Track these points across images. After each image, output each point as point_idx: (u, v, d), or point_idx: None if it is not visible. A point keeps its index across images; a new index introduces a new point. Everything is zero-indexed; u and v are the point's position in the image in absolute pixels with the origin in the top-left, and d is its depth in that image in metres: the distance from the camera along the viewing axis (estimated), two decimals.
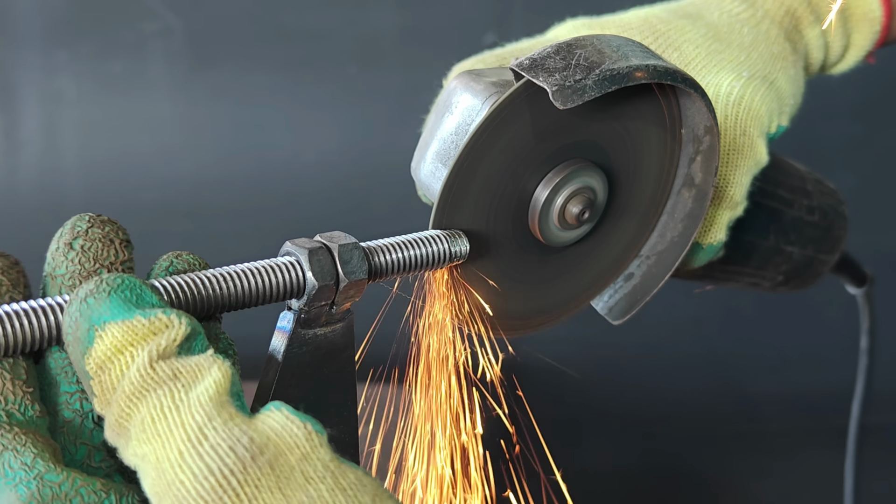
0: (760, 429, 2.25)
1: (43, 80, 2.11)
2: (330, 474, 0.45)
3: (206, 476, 0.43)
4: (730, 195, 0.81)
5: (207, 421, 0.44)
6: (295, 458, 0.45)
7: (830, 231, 1.06)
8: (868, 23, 0.92)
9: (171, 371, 0.46)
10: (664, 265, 0.79)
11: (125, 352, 0.47)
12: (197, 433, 0.44)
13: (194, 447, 0.44)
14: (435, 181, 0.71)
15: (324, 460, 0.45)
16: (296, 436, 0.45)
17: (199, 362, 0.47)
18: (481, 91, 0.69)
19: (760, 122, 0.82)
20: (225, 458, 0.43)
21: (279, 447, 0.45)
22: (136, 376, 0.46)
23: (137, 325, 0.47)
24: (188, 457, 0.43)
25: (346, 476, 0.45)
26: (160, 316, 0.48)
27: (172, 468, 0.43)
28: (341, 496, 0.44)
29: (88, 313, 0.48)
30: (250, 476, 0.43)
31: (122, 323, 0.47)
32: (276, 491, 0.43)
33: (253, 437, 0.44)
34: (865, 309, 1.36)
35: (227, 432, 0.44)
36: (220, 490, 0.43)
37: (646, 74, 0.63)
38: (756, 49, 0.85)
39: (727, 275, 1.02)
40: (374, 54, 2.11)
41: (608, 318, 0.81)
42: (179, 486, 0.43)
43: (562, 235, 0.72)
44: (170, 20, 2.09)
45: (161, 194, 2.12)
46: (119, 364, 0.47)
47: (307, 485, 0.44)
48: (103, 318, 0.47)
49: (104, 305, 0.48)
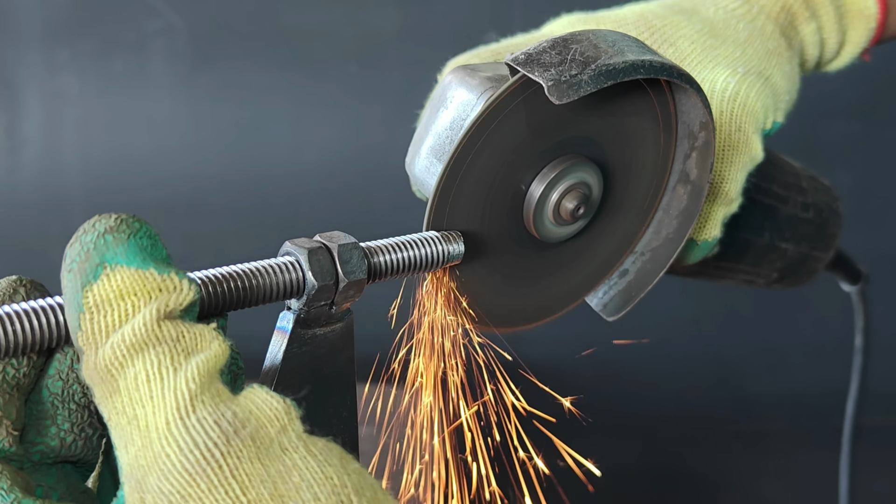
0: (760, 428, 2.25)
1: (44, 78, 2.11)
2: (302, 443, 0.46)
3: (191, 449, 0.44)
4: (725, 191, 0.81)
5: (198, 392, 0.45)
6: (274, 430, 0.46)
7: (825, 228, 1.06)
8: (864, 20, 0.92)
9: (176, 332, 0.47)
10: (659, 262, 0.79)
11: (128, 299, 0.47)
12: (187, 404, 0.45)
13: (181, 419, 0.45)
14: (429, 176, 0.71)
15: (297, 431, 0.47)
16: (276, 409, 0.47)
17: (202, 331, 0.48)
18: (476, 86, 0.69)
19: (756, 118, 0.82)
20: (210, 431, 0.45)
21: (260, 420, 0.46)
22: (140, 328, 0.46)
23: (150, 277, 0.48)
24: (174, 428, 0.44)
25: (316, 444, 0.47)
26: (173, 276, 0.48)
27: (159, 439, 0.45)
28: (312, 461, 0.46)
29: (103, 249, 0.48)
30: (233, 448, 0.45)
31: (134, 270, 0.47)
32: (256, 461, 0.45)
33: (236, 411, 0.46)
34: (860, 306, 1.35)
35: (213, 406, 0.45)
36: (205, 462, 0.44)
37: (642, 70, 0.63)
38: (751, 45, 0.85)
39: (721, 271, 1.02)
40: (374, 54, 2.11)
41: (603, 314, 0.81)
42: (165, 459, 0.44)
43: (557, 231, 0.72)
44: (171, 19, 2.09)
45: (161, 193, 2.12)
46: (118, 309, 0.47)
47: (283, 455, 0.46)
48: (117, 260, 0.47)
49: (121, 247, 0.48)
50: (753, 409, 2.25)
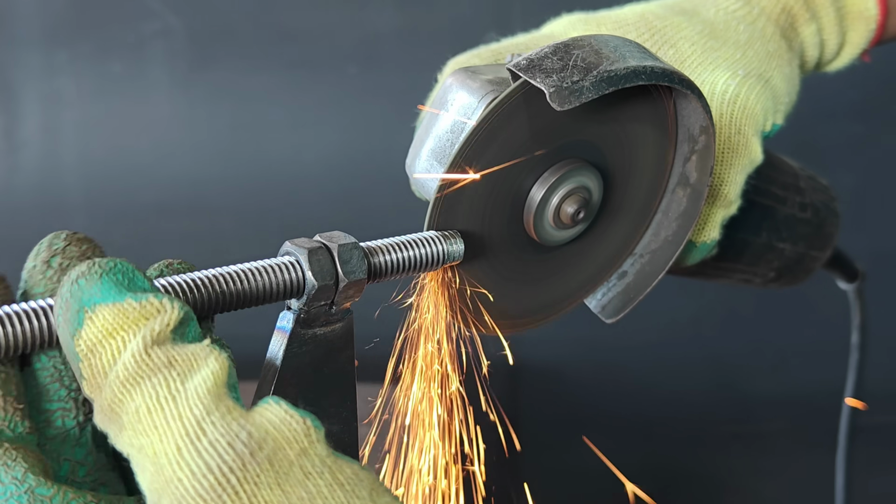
0: (760, 428, 2.25)
1: (43, 80, 2.11)
2: (328, 469, 0.44)
3: (204, 474, 0.42)
4: (724, 194, 0.81)
5: (205, 415, 0.44)
6: (294, 453, 0.44)
7: (822, 227, 1.06)
8: (864, 21, 0.92)
9: (166, 358, 0.45)
10: (658, 264, 0.79)
11: (116, 336, 0.46)
12: (195, 428, 0.43)
13: (192, 443, 0.43)
14: (430, 179, 0.71)
15: (321, 455, 0.45)
16: (294, 430, 0.45)
17: (195, 351, 0.46)
18: (477, 89, 0.69)
19: (755, 120, 0.82)
20: (224, 454, 0.43)
21: (278, 442, 0.44)
22: (131, 362, 0.45)
23: (128, 307, 0.46)
24: (186, 453, 0.43)
25: (344, 471, 0.44)
26: (151, 300, 0.47)
27: (170, 465, 0.43)
28: (339, 491, 0.43)
29: (79, 294, 0.47)
30: (249, 473, 0.43)
31: (112, 305, 0.46)
32: (276, 487, 0.43)
33: (251, 431, 0.44)
34: (857, 304, 1.36)
35: (226, 427, 0.43)
36: (220, 488, 0.42)
37: (643, 76, 0.63)
38: (752, 47, 0.85)
39: (719, 271, 1.02)
40: (374, 54, 2.11)
41: (601, 316, 0.81)
42: (178, 484, 0.42)
43: (556, 235, 0.72)
44: (170, 20, 2.09)
45: (161, 194, 2.12)
46: (110, 348, 0.46)
47: (306, 480, 0.43)
48: (94, 301, 0.47)
49: (95, 287, 0.47)
50: (753, 409, 2.25)
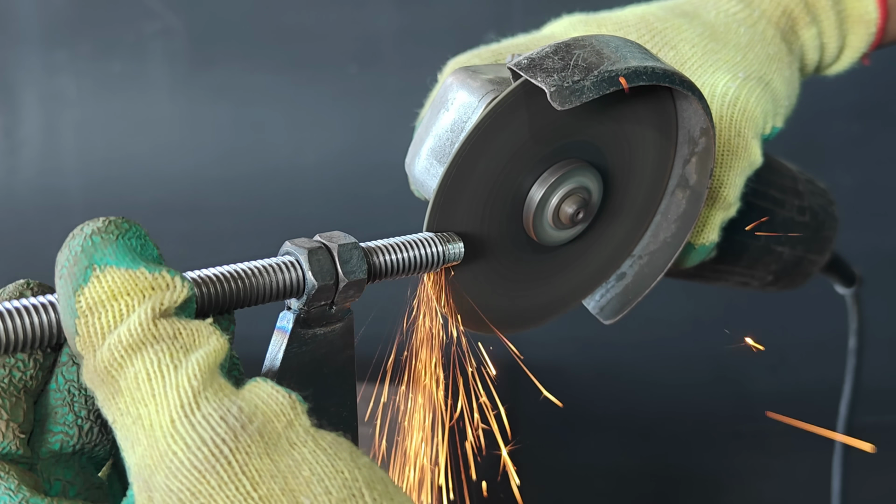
0: (760, 428, 2.25)
1: (43, 79, 2.11)
2: (310, 438, 0.46)
3: (199, 446, 0.44)
4: (723, 196, 0.81)
5: (201, 389, 0.45)
6: (281, 425, 0.46)
7: (820, 231, 1.06)
8: (864, 24, 0.92)
9: (172, 330, 0.47)
10: (656, 266, 0.79)
11: (121, 299, 0.47)
12: (191, 401, 0.45)
13: (187, 416, 0.44)
14: (429, 178, 0.71)
15: (305, 426, 0.47)
16: (281, 404, 0.47)
17: (199, 327, 0.48)
18: (478, 88, 0.69)
19: (755, 123, 0.82)
20: (217, 427, 0.44)
21: (266, 415, 0.46)
22: (137, 328, 0.46)
23: (140, 276, 0.47)
24: (180, 426, 0.44)
25: (325, 438, 0.47)
26: (164, 274, 0.48)
27: (165, 438, 0.44)
28: (322, 455, 0.45)
29: (91, 251, 0.47)
30: (241, 444, 0.44)
31: (124, 271, 0.47)
32: (265, 456, 0.45)
33: (242, 406, 0.45)
34: (854, 309, 1.36)
35: (218, 402, 0.45)
36: (213, 459, 0.44)
37: (644, 77, 0.63)
38: (752, 49, 0.85)
39: (717, 274, 1.02)
40: (374, 54, 2.11)
41: (599, 317, 0.81)
42: (173, 457, 0.44)
43: (556, 235, 0.72)
44: (170, 20, 2.09)
45: (161, 194, 2.12)
46: (112, 310, 0.47)
47: (292, 449, 0.45)
48: (106, 261, 0.47)
49: (110, 248, 0.47)
50: (753, 409, 2.25)
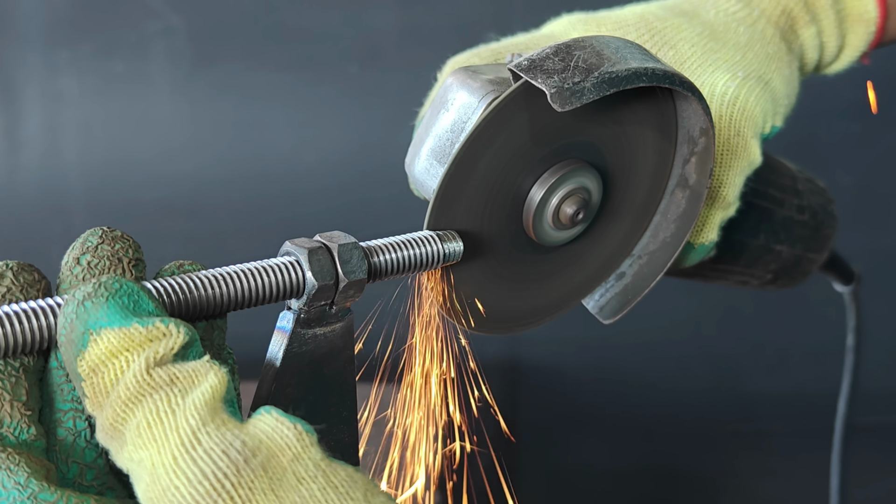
0: (760, 428, 2.25)
1: (44, 79, 2.11)
2: (321, 473, 0.45)
3: (200, 480, 0.43)
4: (723, 196, 0.81)
5: (201, 425, 0.45)
6: (286, 458, 0.45)
7: (819, 230, 1.07)
8: (863, 23, 0.92)
9: (167, 377, 0.47)
10: (656, 265, 0.79)
11: (120, 357, 0.47)
12: (191, 437, 0.44)
13: (188, 452, 0.44)
14: (429, 178, 0.71)
15: (314, 459, 0.46)
16: (286, 437, 0.46)
17: (196, 368, 0.48)
18: (478, 89, 0.69)
19: (755, 122, 0.82)
20: (218, 461, 0.44)
21: (271, 449, 0.45)
22: (133, 381, 0.46)
23: (134, 332, 0.48)
24: (182, 462, 0.44)
25: (337, 474, 0.45)
26: (158, 325, 0.48)
27: (167, 473, 0.44)
28: (333, 494, 0.44)
29: (85, 317, 0.48)
30: (244, 479, 0.44)
31: (118, 330, 0.47)
32: (270, 492, 0.44)
33: (245, 440, 0.45)
34: (852, 307, 1.36)
35: (220, 437, 0.45)
36: (215, 494, 0.43)
37: (644, 78, 0.63)
38: (752, 49, 0.85)
39: (716, 273, 1.02)
40: (374, 54, 2.11)
41: (599, 317, 0.81)
42: (174, 491, 0.44)
43: (555, 235, 0.72)
44: (171, 20, 2.09)
45: (162, 193, 2.12)
46: (113, 368, 0.47)
47: (299, 485, 0.44)
48: (100, 324, 0.48)
49: (101, 310, 0.48)
50: (753, 409, 2.25)
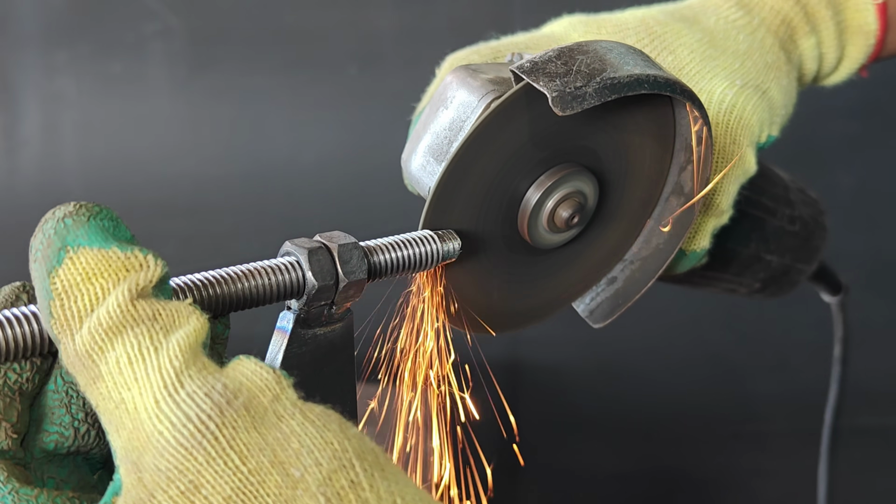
0: (760, 429, 2.25)
1: (43, 80, 2.11)
2: (298, 410, 0.46)
3: (184, 423, 0.44)
4: (717, 203, 0.82)
5: (184, 367, 0.45)
6: (267, 399, 0.46)
7: (810, 241, 1.07)
8: (863, 36, 0.92)
9: (151, 311, 0.46)
10: (648, 271, 0.79)
11: (96, 281, 0.46)
12: (173, 380, 0.44)
13: (170, 395, 0.44)
14: (425, 175, 0.71)
15: (292, 399, 0.47)
16: (266, 379, 0.46)
17: (179, 308, 0.47)
18: (478, 88, 0.69)
19: (751, 131, 0.82)
20: (201, 404, 0.44)
21: (251, 391, 0.46)
22: (115, 309, 0.46)
23: (113, 256, 0.47)
24: (164, 406, 0.44)
25: (313, 410, 0.46)
26: (136, 253, 0.48)
27: (150, 419, 0.44)
28: (311, 427, 0.45)
29: (63, 233, 0.47)
30: (227, 419, 0.44)
31: (97, 251, 0.47)
32: (253, 430, 0.44)
33: (226, 383, 0.45)
34: (839, 317, 1.36)
35: (202, 380, 0.45)
36: (199, 436, 0.43)
37: (646, 85, 0.63)
38: (750, 57, 0.85)
39: (706, 280, 1.03)
40: (374, 54, 2.11)
41: (589, 320, 0.81)
42: (159, 436, 0.44)
43: (550, 238, 0.72)
44: (170, 20, 2.09)
45: (161, 194, 2.12)
46: (87, 292, 0.46)
47: (279, 422, 0.45)
48: (78, 242, 0.47)
49: (82, 229, 0.47)
50: (753, 409, 2.25)
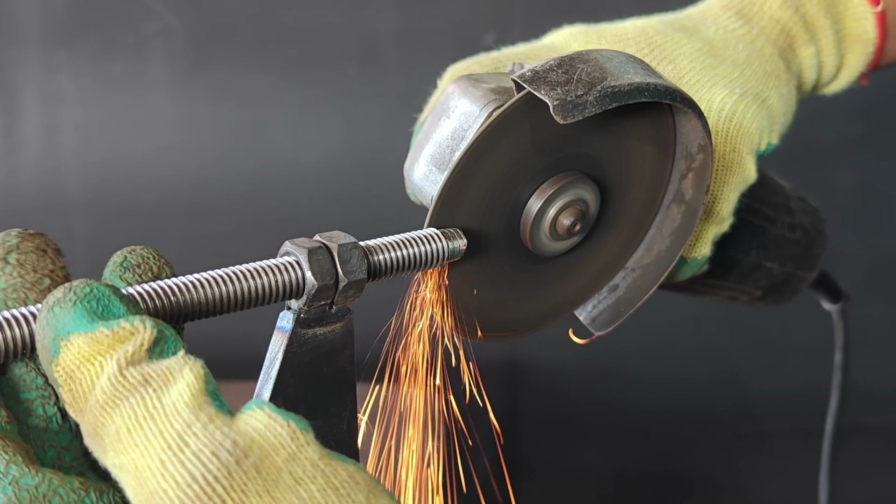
0: (760, 429, 2.25)
1: (43, 79, 2.11)
2: (320, 473, 0.43)
3: (189, 484, 0.42)
4: (717, 211, 0.82)
5: (187, 427, 0.43)
6: (281, 458, 0.43)
7: (810, 249, 1.08)
8: (862, 44, 0.92)
9: (140, 377, 0.45)
10: (649, 278, 0.79)
11: (94, 361, 0.46)
12: (177, 440, 0.43)
13: (175, 455, 0.43)
14: (428, 184, 0.71)
15: (312, 459, 0.44)
16: (280, 435, 0.44)
17: (170, 365, 0.46)
18: (480, 97, 0.69)
19: (751, 139, 0.82)
20: (208, 464, 0.42)
21: (264, 448, 0.44)
22: (107, 385, 0.45)
23: (100, 335, 0.47)
24: (170, 465, 0.42)
25: (338, 474, 0.44)
26: (123, 324, 0.47)
27: (154, 477, 0.42)
28: (333, 496, 0.43)
29: (54, 323, 0.48)
30: (236, 481, 0.42)
31: (84, 334, 0.47)
32: (265, 494, 0.42)
33: (236, 440, 0.43)
34: (840, 325, 1.36)
35: (209, 437, 0.43)
36: (206, 497, 0.42)
37: (647, 93, 0.64)
38: (750, 66, 0.85)
39: (707, 288, 1.03)
40: (374, 54, 2.11)
41: (591, 328, 0.82)
42: (162, 494, 0.42)
43: (552, 246, 0.72)
44: (170, 20, 2.09)
45: (161, 194, 2.12)
46: (88, 373, 0.46)
47: (297, 486, 0.43)
48: (67, 329, 0.47)
49: (69, 316, 0.47)
50: (753, 409, 2.25)
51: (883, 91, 2.04)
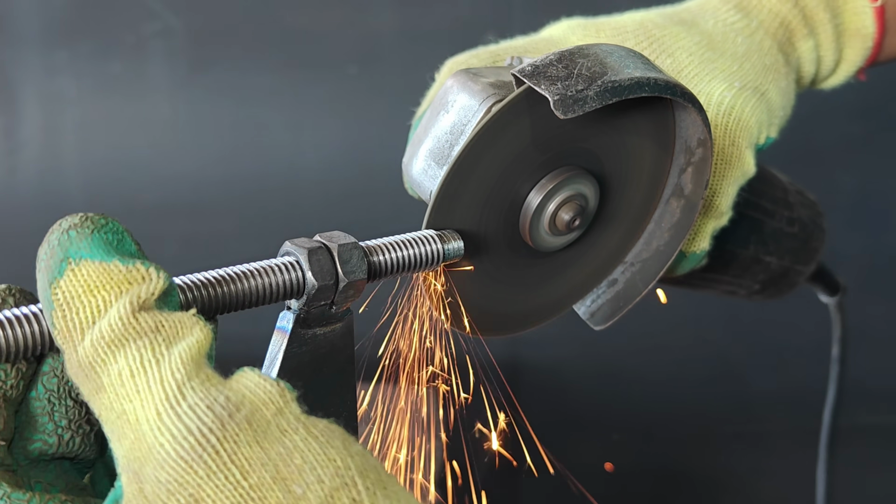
0: (760, 428, 2.25)
1: (43, 80, 2.11)
2: (302, 425, 0.46)
3: (185, 436, 0.44)
4: (716, 205, 0.82)
5: (186, 380, 0.45)
6: (270, 412, 0.46)
7: (808, 242, 1.08)
8: (861, 39, 0.92)
9: (153, 323, 0.46)
10: (649, 273, 0.79)
11: (97, 293, 0.47)
12: (175, 392, 0.44)
13: (172, 407, 0.44)
14: (426, 179, 0.71)
15: (295, 413, 0.46)
16: (270, 392, 0.46)
17: (182, 319, 0.47)
18: (479, 92, 0.69)
19: (750, 133, 0.82)
20: (203, 417, 0.44)
21: (255, 404, 0.46)
22: (118, 322, 0.46)
23: (114, 269, 0.47)
24: (166, 418, 0.44)
25: (317, 425, 0.46)
26: (138, 266, 0.48)
27: (151, 431, 0.44)
28: (314, 442, 0.45)
29: (66, 245, 0.48)
30: (229, 433, 0.44)
31: (98, 263, 0.47)
32: (255, 444, 0.44)
33: (229, 395, 0.45)
34: (837, 318, 1.37)
35: (205, 392, 0.45)
36: (200, 449, 0.43)
37: (647, 88, 0.63)
38: (749, 60, 0.85)
39: (706, 282, 1.03)
40: (374, 54, 2.11)
41: (590, 322, 0.81)
42: (160, 448, 0.44)
43: (551, 241, 0.72)
44: (170, 20, 2.09)
45: (161, 194, 2.12)
46: (89, 304, 0.46)
47: (283, 437, 0.45)
48: (81, 254, 0.47)
49: (84, 241, 0.48)
50: (753, 409, 2.25)
51: (883, 91, 2.04)
